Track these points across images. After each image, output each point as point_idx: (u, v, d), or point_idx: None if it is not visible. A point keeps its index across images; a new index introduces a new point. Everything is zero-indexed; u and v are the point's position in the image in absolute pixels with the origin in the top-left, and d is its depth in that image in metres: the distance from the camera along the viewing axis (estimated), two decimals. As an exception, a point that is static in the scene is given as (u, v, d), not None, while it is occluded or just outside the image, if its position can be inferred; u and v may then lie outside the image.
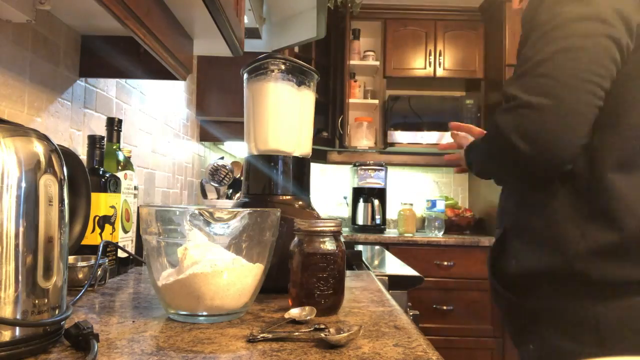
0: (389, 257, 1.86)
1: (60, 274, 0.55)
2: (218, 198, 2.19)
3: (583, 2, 0.82)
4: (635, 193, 0.80)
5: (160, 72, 1.19)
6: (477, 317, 3.09)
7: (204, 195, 2.20)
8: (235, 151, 2.87)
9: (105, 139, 1.04)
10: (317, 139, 3.27)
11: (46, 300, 0.53)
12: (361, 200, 3.28)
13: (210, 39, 1.28)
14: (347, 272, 1.11)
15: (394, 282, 1.23)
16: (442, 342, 2.86)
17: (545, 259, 0.86)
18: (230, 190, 2.24)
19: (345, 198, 3.61)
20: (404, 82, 3.55)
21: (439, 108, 3.35)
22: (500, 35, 3.26)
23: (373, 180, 3.28)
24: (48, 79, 1.04)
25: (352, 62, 3.43)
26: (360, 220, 3.26)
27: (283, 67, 0.95)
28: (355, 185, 3.31)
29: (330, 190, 3.66)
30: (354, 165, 3.38)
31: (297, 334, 0.62)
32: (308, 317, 0.69)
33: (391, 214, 3.53)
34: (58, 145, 0.57)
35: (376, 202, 3.24)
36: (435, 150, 3.39)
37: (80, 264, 0.89)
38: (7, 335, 0.49)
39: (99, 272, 0.88)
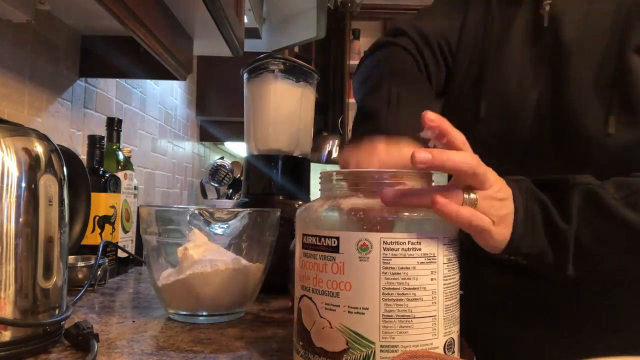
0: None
1: (60, 274, 0.55)
2: (218, 198, 2.19)
3: None
4: None
5: (160, 72, 1.19)
6: (477, 317, 3.09)
7: (204, 195, 2.20)
8: (235, 151, 2.87)
9: (105, 139, 1.04)
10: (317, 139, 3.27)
11: (46, 300, 0.53)
12: (361, 200, 3.28)
13: (210, 39, 1.27)
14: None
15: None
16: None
17: None
18: (230, 190, 2.25)
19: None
20: (404, 82, 3.55)
21: (439, 108, 3.35)
22: (500, 35, 3.25)
23: (373, 180, 3.28)
24: (48, 79, 1.04)
25: (352, 62, 3.43)
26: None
27: (283, 67, 0.95)
28: (355, 185, 3.30)
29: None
30: (354, 165, 3.37)
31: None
32: (308, 317, 0.69)
33: (391, 214, 3.53)
34: (58, 145, 0.57)
35: (376, 202, 3.24)
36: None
37: (80, 264, 0.89)
38: (7, 335, 0.49)
39: (99, 272, 0.88)
